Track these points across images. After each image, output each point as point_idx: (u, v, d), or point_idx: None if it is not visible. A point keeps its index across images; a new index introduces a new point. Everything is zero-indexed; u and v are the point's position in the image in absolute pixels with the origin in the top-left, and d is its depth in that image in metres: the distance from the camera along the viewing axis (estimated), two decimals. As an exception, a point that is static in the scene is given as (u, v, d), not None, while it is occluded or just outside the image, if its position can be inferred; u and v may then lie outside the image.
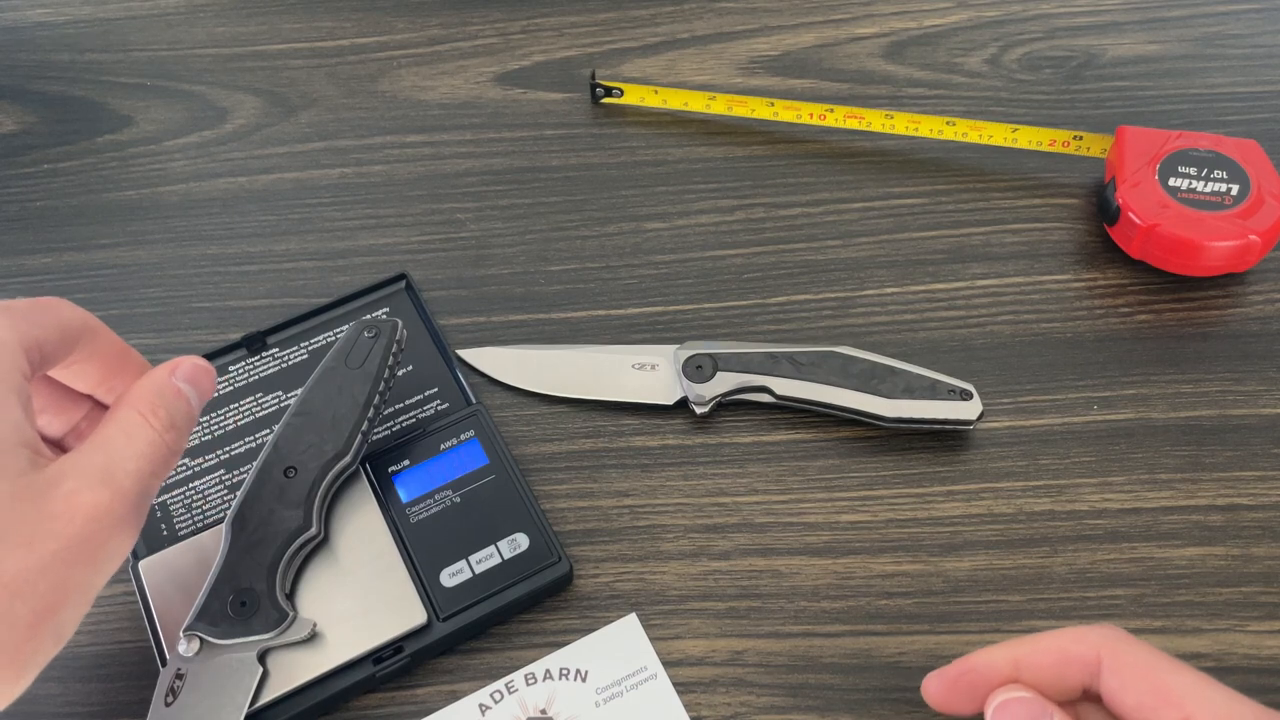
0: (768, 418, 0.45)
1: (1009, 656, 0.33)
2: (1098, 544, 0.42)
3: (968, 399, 0.44)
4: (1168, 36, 0.58)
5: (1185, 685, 0.31)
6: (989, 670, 0.33)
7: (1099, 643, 0.32)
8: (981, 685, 0.33)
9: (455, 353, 0.48)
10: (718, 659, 0.40)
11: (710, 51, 0.59)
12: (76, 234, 0.53)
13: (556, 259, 0.51)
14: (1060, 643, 0.33)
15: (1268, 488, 0.43)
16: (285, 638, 0.38)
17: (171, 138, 0.57)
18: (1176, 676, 0.31)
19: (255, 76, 0.59)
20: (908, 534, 0.42)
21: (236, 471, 0.44)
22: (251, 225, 0.53)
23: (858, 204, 0.52)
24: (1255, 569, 0.41)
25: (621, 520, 0.43)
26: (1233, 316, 0.48)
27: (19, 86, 0.60)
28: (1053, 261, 0.50)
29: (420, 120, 0.57)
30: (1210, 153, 0.49)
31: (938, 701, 0.34)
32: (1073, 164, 0.53)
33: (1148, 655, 0.32)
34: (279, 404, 0.45)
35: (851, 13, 0.60)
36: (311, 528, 0.39)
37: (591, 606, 0.41)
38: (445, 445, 0.43)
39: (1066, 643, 0.33)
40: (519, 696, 0.39)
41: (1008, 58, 0.58)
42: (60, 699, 0.40)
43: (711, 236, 0.51)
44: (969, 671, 0.34)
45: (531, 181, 0.54)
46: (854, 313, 0.48)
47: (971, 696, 0.33)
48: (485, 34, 0.61)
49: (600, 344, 0.48)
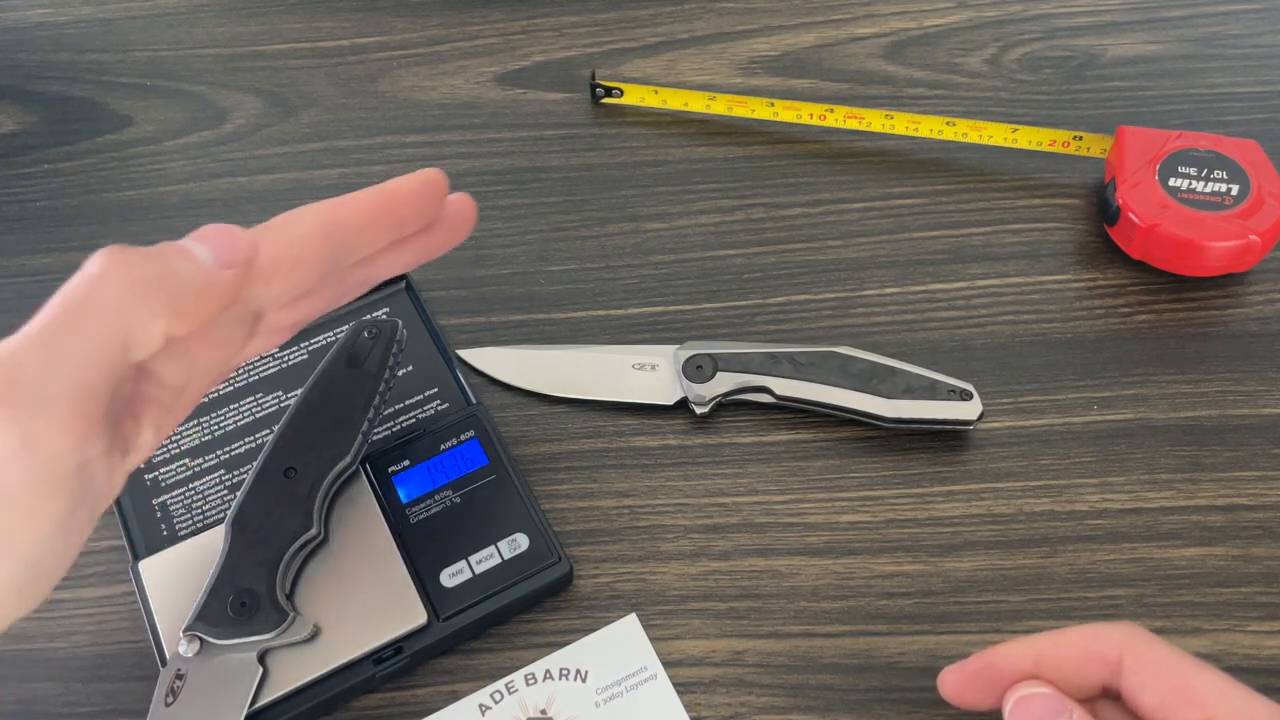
0: (768, 418, 0.45)
1: (1029, 652, 0.33)
2: (1098, 544, 0.42)
3: (968, 399, 0.44)
4: (1168, 36, 0.58)
5: (1207, 685, 0.31)
6: (1008, 665, 0.33)
7: (1121, 640, 0.32)
8: (1000, 680, 0.33)
9: (455, 353, 0.48)
10: (718, 659, 0.40)
11: (710, 51, 0.59)
12: (76, 234, 0.53)
13: (556, 259, 0.51)
14: (1081, 639, 0.33)
15: (1268, 488, 0.43)
16: (285, 638, 0.38)
17: (171, 138, 0.57)
18: (1198, 676, 0.31)
19: (255, 76, 0.59)
20: (908, 534, 0.42)
21: (236, 471, 0.44)
22: (251, 225, 0.53)
23: (858, 204, 0.52)
24: (1255, 569, 0.41)
25: (621, 520, 0.43)
26: (1233, 316, 0.48)
27: (19, 86, 0.60)
28: (1053, 261, 0.50)
29: (420, 120, 0.57)
30: (1210, 153, 0.49)
31: (955, 695, 0.34)
32: (1073, 164, 0.53)
33: (1170, 654, 0.32)
34: (279, 404, 0.45)
35: (851, 13, 0.60)
36: (312, 528, 0.39)
37: (591, 607, 0.41)
38: (445, 445, 0.43)
39: (1087, 639, 0.33)
40: (519, 697, 0.39)
41: (1008, 58, 0.58)
42: (60, 699, 0.40)
43: (711, 236, 0.51)
44: (987, 666, 0.33)
45: (531, 181, 0.54)
46: (854, 313, 0.49)
47: (990, 691, 0.33)
48: (485, 34, 0.61)
49: (600, 344, 0.48)
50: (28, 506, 0.28)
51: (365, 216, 0.34)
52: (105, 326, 0.29)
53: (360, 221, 0.34)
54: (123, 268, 0.29)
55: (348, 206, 0.34)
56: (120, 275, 0.29)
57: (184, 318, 0.30)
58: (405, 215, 0.35)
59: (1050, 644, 0.33)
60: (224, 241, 0.31)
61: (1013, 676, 0.33)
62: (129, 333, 0.29)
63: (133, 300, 0.29)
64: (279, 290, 0.33)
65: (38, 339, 0.29)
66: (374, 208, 0.34)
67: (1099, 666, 0.32)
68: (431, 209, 0.36)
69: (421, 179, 0.36)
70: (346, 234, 0.34)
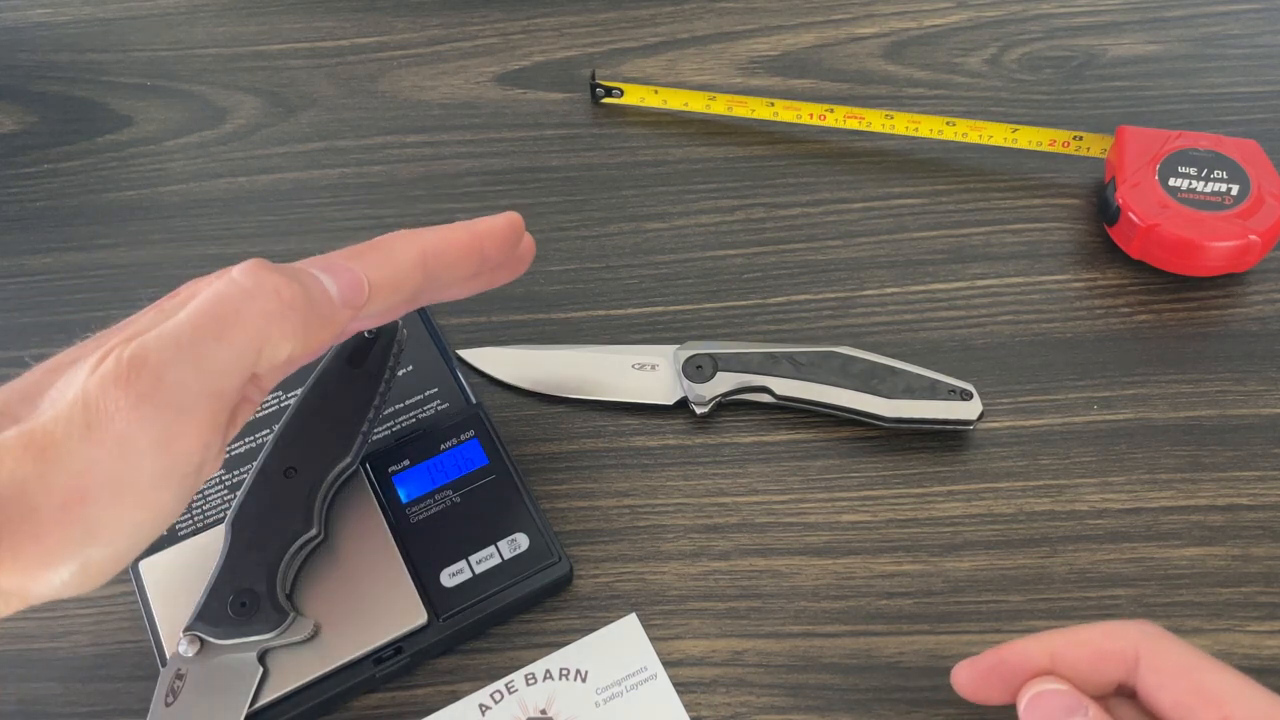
0: (768, 418, 0.45)
1: (1045, 648, 0.33)
2: (1098, 544, 0.42)
3: (968, 399, 0.44)
4: (1168, 36, 0.58)
5: (1225, 686, 0.31)
6: (1023, 661, 0.33)
7: (1138, 639, 0.32)
8: (1014, 676, 0.33)
9: (455, 353, 0.48)
10: (718, 659, 0.40)
11: (710, 51, 0.59)
12: (76, 234, 0.53)
13: (556, 259, 0.51)
14: (1097, 636, 0.33)
15: (1268, 488, 0.43)
16: (285, 638, 0.38)
17: (171, 138, 0.57)
18: (1216, 676, 0.31)
19: (255, 76, 0.59)
20: (908, 534, 0.42)
21: (236, 471, 0.44)
22: (251, 225, 0.53)
23: (858, 204, 0.52)
24: (1255, 569, 0.41)
25: (621, 520, 0.43)
26: (1233, 316, 0.48)
27: (19, 86, 0.60)
28: (1053, 261, 0.50)
29: (420, 120, 0.57)
30: (1210, 153, 0.49)
31: (968, 690, 0.34)
32: (1073, 164, 0.53)
33: (1187, 654, 0.32)
34: (279, 404, 0.45)
35: (851, 13, 0.60)
36: (312, 528, 0.39)
37: (591, 606, 0.41)
38: (445, 445, 0.43)
39: (1104, 637, 0.33)
40: (519, 697, 0.39)
41: (1008, 58, 0.58)
42: (60, 699, 0.40)
43: (711, 236, 0.51)
44: (1002, 662, 0.33)
45: (531, 181, 0.54)
46: (854, 313, 0.49)
47: (1004, 687, 0.33)
48: (485, 34, 0.61)
49: (600, 344, 0.48)
50: (149, 497, 0.30)
51: (458, 252, 0.37)
52: (249, 341, 0.31)
53: (454, 257, 0.36)
54: (273, 289, 0.31)
55: (444, 240, 0.36)
56: (271, 294, 0.31)
57: (308, 346, 0.32)
58: (490, 253, 0.38)
59: (1066, 641, 0.33)
60: (350, 282, 0.33)
61: (1027, 673, 0.33)
62: (264, 350, 0.31)
63: (276, 320, 0.31)
64: (372, 311, 0.35)
65: (188, 343, 0.30)
66: (466, 244, 0.37)
67: (1115, 664, 0.32)
68: (511, 248, 0.39)
69: (507, 221, 0.38)
70: (441, 266, 0.36)
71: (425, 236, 0.36)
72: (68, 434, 0.28)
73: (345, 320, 0.33)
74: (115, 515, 0.29)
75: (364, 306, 0.34)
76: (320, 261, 0.34)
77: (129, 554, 0.31)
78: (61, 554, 0.29)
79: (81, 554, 0.29)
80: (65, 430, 0.29)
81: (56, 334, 0.49)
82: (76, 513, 0.28)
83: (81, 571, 0.29)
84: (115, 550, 0.30)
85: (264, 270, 0.32)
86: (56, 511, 0.28)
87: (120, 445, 0.29)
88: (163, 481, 0.30)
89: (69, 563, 0.29)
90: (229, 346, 0.30)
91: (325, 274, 0.33)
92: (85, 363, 0.30)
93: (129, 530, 0.30)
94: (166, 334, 0.30)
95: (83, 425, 0.29)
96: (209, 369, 0.30)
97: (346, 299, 0.33)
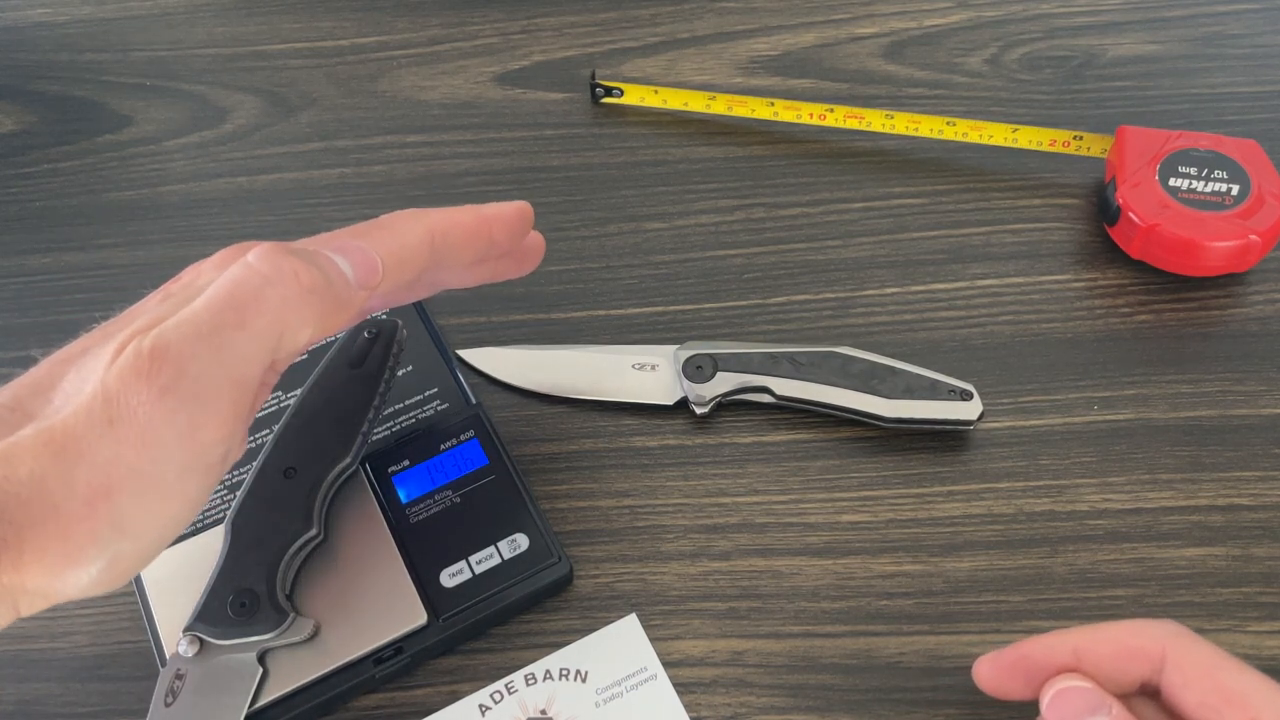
0: (768, 418, 0.45)
1: (1069, 645, 0.33)
2: (1098, 544, 0.42)
3: (968, 399, 0.44)
4: (1168, 36, 0.58)
5: (1251, 687, 0.30)
6: (1047, 657, 0.33)
7: (1163, 638, 0.32)
8: (1037, 672, 0.33)
9: (455, 353, 0.48)
10: (718, 659, 0.40)
11: (710, 51, 0.59)
12: (76, 234, 0.53)
13: (556, 259, 0.51)
14: (1122, 634, 0.33)
15: (1268, 488, 0.43)
16: (285, 638, 0.38)
17: (171, 138, 0.57)
18: (1243, 677, 0.31)
19: (255, 76, 0.59)
20: (908, 534, 0.42)
21: (236, 472, 0.44)
22: (251, 225, 0.53)
23: (858, 204, 0.52)
24: (1255, 569, 0.41)
25: (621, 520, 0.43)
26: (1233, 316, 0.48)
27: (19, 86, 0.60)
28: (1053, 261, 0.50)
29: (420, 120, 0.57)
30: (1210, 153, 0.49)
31: (990, 685, 0.34)
32: (1073, 164, 0.53)
33: (1213, 654, 0.32)
34: (279, 404, 0.45)
35: (851, 13, 0.60)
36: (312, 528, 0.39)
37: (591, 607, 0.41)
38: (445, 445, 0.43)
39: (1128, 635, 0.33)
40: (519, 697, 0.39)
41: (1008, 58, 0.58)
42: (60, 699, 0.40)
43: (711, 236, 0.51)
44: (1025, 658, 0.33)
45: (531, 181, 0.54)
46: (854, 313, 0.48)
47: (1026, 682, 0.33)
48: (485, 34, 0.61)
49: (600, 344, 0.48)
50: (175, 489, 0.30)
51: (466, 233, 0.36)
52: (270, 328, 0.30)
53: (461, 237, 0.36)
54: (292, 274, 0.31)
55: (451, 220, 0.36)
56: (290, 280, 0.31)
57: (326, 330, 0.32)
58: (497, 239, 0.38)
59: (1089, 638, 0.33)
60: (364, 263, 0.33)
61: (1051, 669, 0.33)
62: (285, 335, 0.31)
63: (296, 306, 0.31)
64: (383, 289, 0.34)
65: (209, 331, 0.29)
66: (474, 226, 0.37)
67: (1140, 663, 0.32)
68: (519, 237, 0.39)
69: (516, 209, 0.38)
70: (447, 247, 0.36)
71: (432, 215, 0.36)
72: (89, 429, 0.28)
73: (361, 302, 0.33)
74: (142, 508, 0.29)
75: (377, 287, 0.34)
76: (331, 241, 0.34)
77: (157, 547, 0.31)
78: (89, 551, 0.28)
79: (109, 550, 0.29)
80: (86, 426, 0.28)
81: (56, 334, 0.49)
82: (102, 508, 0.28)
83: (109, 568, 0.29)
84: (144, 544, 0.30)
85: (281, 255, 0.31)
86: (81, 508, 0.28)
87: (144, 439, 0.28)
88: (188, 473, 0.30)
89: (97, 560, 0.29)
90: (250, 334, 0.30)
91: (339, 255, 0.33)
92: (99, 354, 0.30)
93: (157, 523, 0.30)
94: (186, 323, 0.29)
95: (104, 420, 0.28)
96: (231, 358, 0.30)
97: (362, 280, 0.33)
